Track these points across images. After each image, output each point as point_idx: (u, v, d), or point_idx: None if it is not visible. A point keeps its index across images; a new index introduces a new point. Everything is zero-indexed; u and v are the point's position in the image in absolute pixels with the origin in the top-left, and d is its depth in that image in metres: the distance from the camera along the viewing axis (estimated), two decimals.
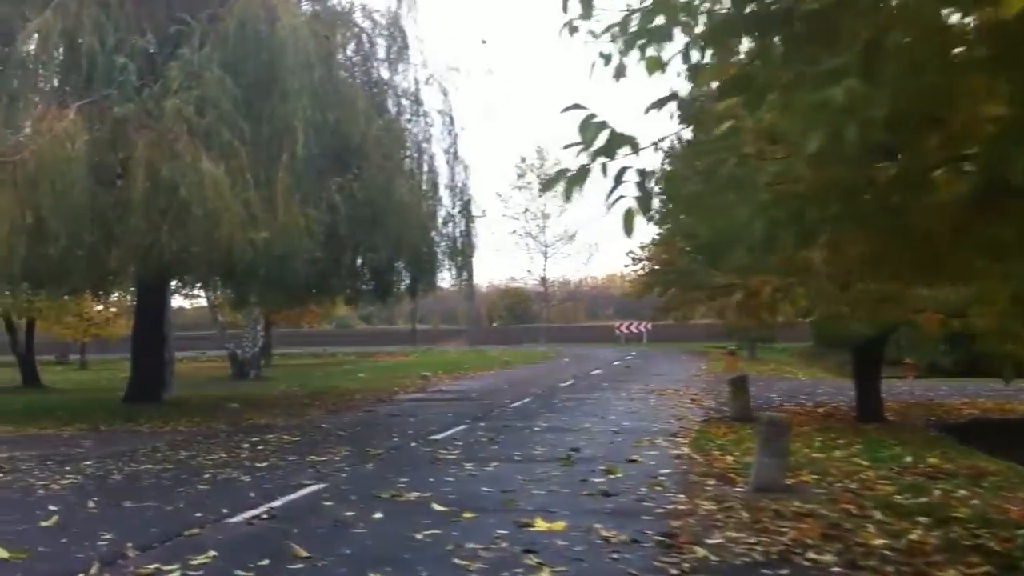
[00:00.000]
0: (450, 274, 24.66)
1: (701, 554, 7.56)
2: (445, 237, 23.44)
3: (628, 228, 6.57)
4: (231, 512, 9.59)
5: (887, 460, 12.66)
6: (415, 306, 61.58)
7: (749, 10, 5.20)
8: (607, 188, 5.63)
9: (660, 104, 7.32)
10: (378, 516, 9.21)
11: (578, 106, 6.31)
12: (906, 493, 10.26)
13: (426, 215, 22.47)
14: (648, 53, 6.44)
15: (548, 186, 5.75)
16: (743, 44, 5.99)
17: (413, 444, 15.22)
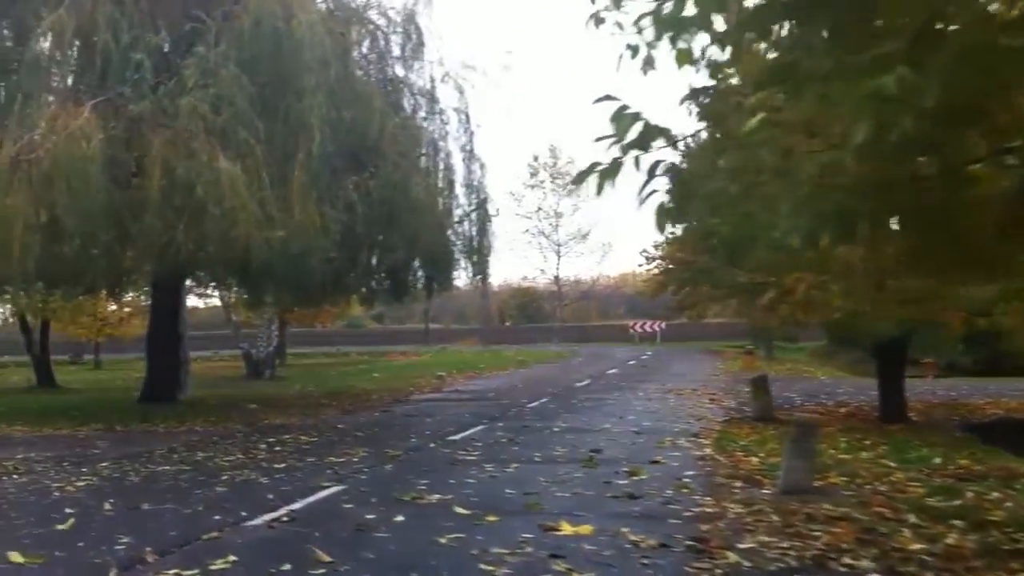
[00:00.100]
0: (466, 273, 24.54)
1: (733, 559, 7.35)
2: (461, 236, 23.29)
3: (661, 224, 6.37)
4: (250, 515, 9.42)
5: (915, 461, 12.42)
6: (428, 306, 61.51)
7: None
8: (635, 183, 5.46)
9: (695, 96, 7.13)
10: (400, 519, 9.04)
11: (610, 97, 6.11)
12: (938, 496, 10.03)
13: (442, 213, 22.33)
14: (679, 45, 6.28)
15: (579, 180, 5.56)
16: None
17: (432, 445, 15.04)
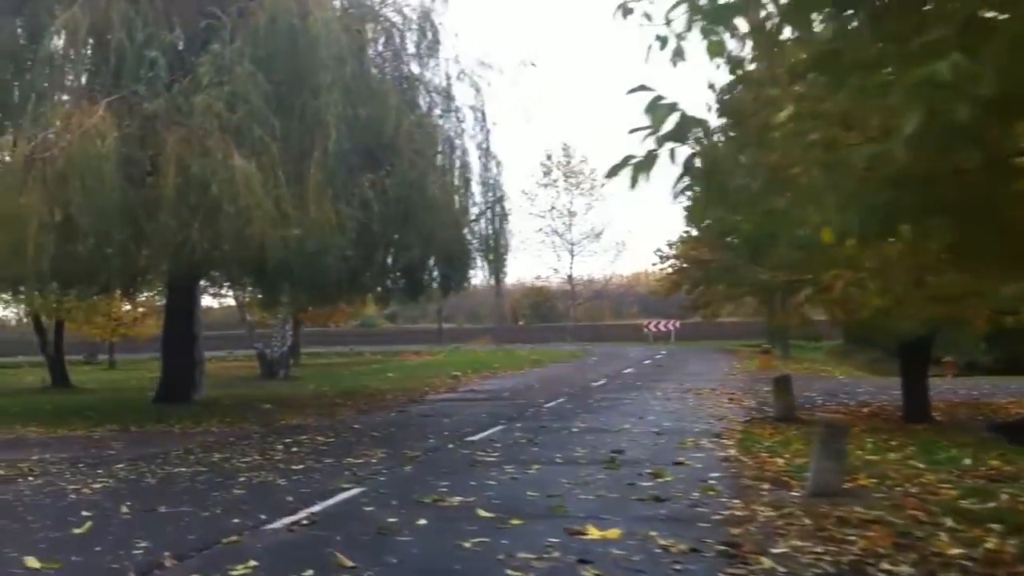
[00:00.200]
0: (482, 272, 24.35)
1: (767, 565, 7.13)
2: (477, 234, 23.10)
3: (698, 218, 6.16)
4: (269, 518, 9.24)
5: (945, 463, 12.16)
6: (441, 305, 61.34)
7: None
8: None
9: (732, 89, 6.91)
10: (422, 522, 8.84)
11: (644, 87, 5.91)
12: (971, 498, 9.78)
13: (458, 212, 22.16)
14: (711, 36, 6.09)
15: (613, 173, 5.37)
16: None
17: (450, 446, 14.86)
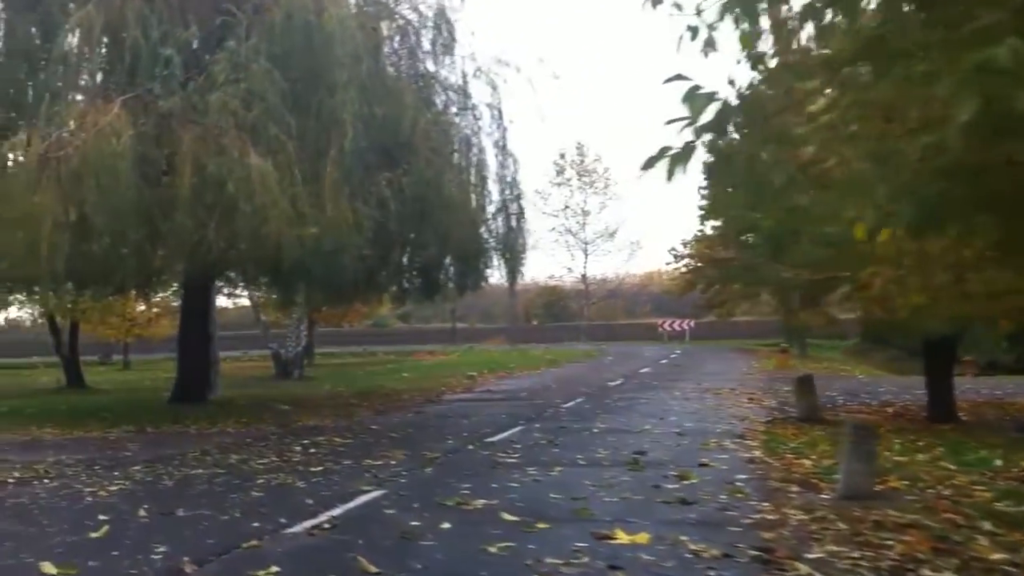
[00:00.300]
0: (498, 271, 24.15)
1: (804, 571, 6.92)
2: (494, 233, 22.91)
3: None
4: (289, 521, 9.05)
5: (975, 464, 11.92)
6: (455, 305, 61.17)
7: None
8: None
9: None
10: (446, 526, 8.64)
11: (681, 77, 5.71)
12: (1006, 500, 9.56)
13: (475, 210, 21.97)
14: (743, 26, 5.89)
15: (649, 165, 5.18)
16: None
17: (470, 447, 14.67)
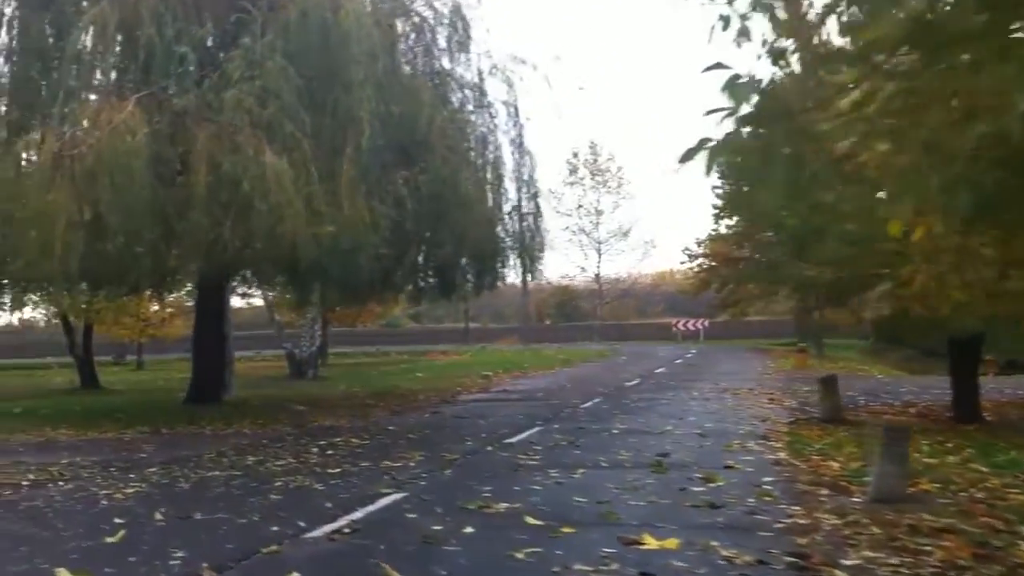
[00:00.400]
0: (514, 270, 23.95)
1: None
2: (510, 232, 22.70)
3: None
4: (309, 525, 8.86)
5: (1007, 466, 11.65)
6: (468, 305, 60.96)
7: None
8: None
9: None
10: (469, 531, 8.43)
11: (721, 65, 5.51)
12: None
13: (491, 209, 21.76)
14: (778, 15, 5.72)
15: (687, 157, 4.99)
16: None
17: (489, 448, 14.47)
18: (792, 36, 5.63)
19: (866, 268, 13.77)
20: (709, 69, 5.47)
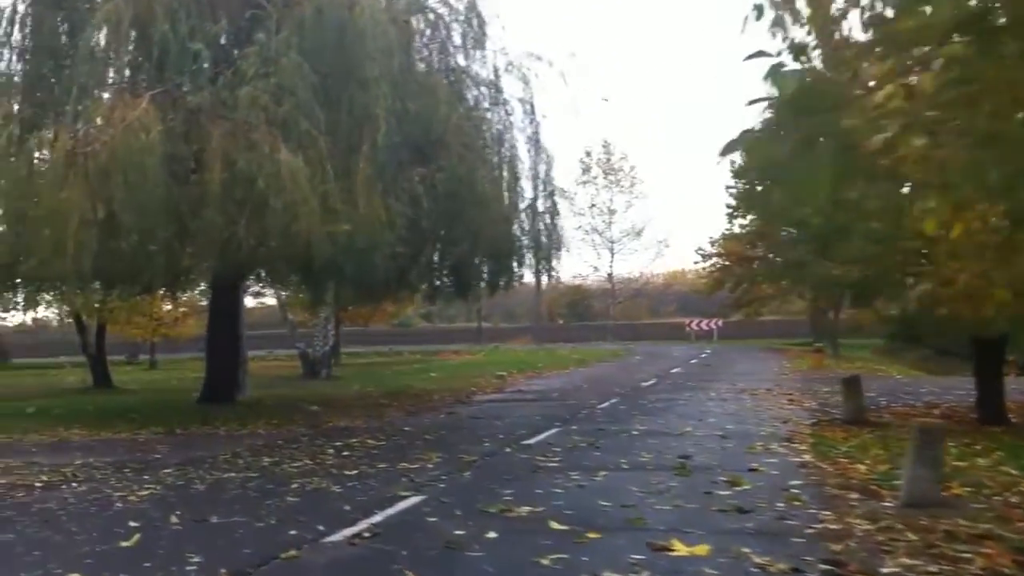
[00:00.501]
0: (529, 269, 23.73)
1: None
2: (526, 231, 22.48)
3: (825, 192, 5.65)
4: (328, 529, 8.65)
5: None
6: (480, 304, 60.72)
7: None
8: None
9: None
10: (491, 535, 8.21)
11: (763, 53, 5.31)
12: None
13: (507, 207, 21.54)
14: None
15: (729, 150, 4.75)
16: None
17: (507, 450, 14.25)
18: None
19: (892, 266, 13.52)
20: (751, 57, 5.25)
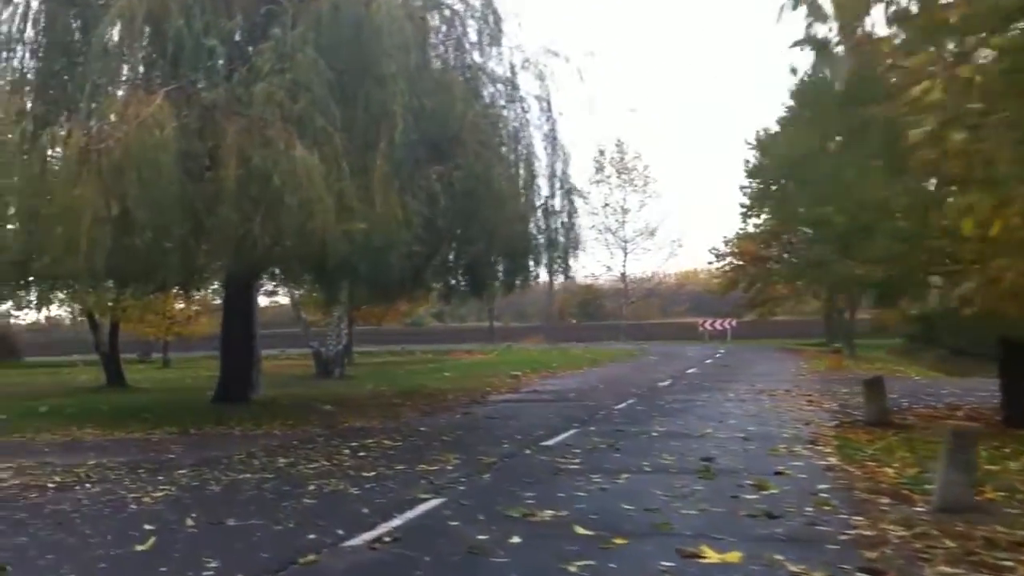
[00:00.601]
0: (545, 268, 23.48)
1: None
2: (542, 230, 22.23)
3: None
4: (347, 533, 8.45)
5: None
6: (492, 304, 60.51)
7: None
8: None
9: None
10: (515, 541, 8.00)
11: (810, 40, 5.11)
12: None
13: (524, 206, 21.29)
14: None
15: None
16: None
17: (526, 451, 14.03)
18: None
19: (917, 266, 13.27)
20: (797, 44, 5.05)
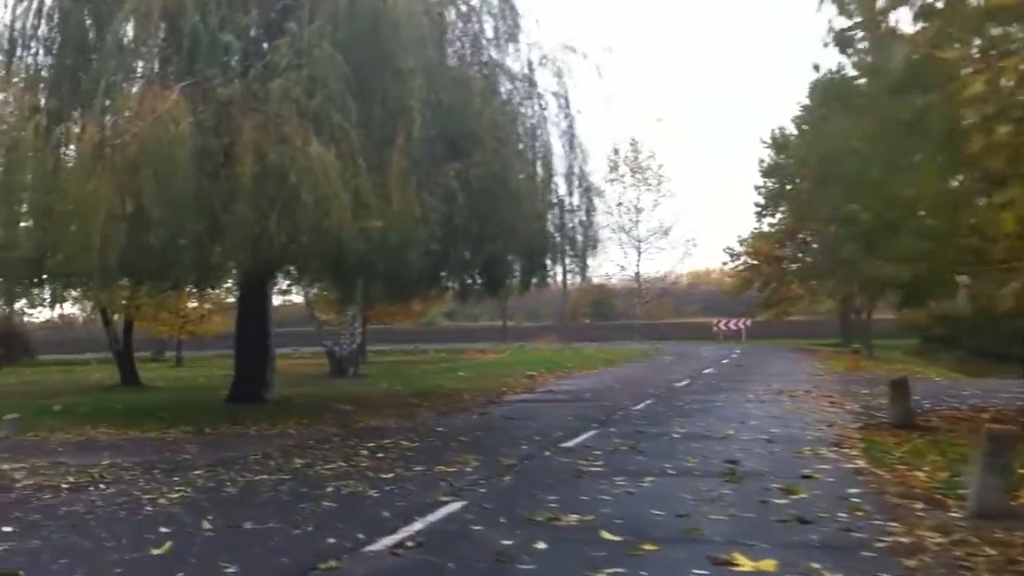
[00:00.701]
0: (562, 267, 23.24)
1: None
2: (560, 228, 21.99)
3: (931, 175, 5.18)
4: (368, 538, 8.22)
5: None
6: (505, 303, 60.27)
7: None
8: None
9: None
10: (541, 546, 7.75)
11: (857, 27, 4.89)
12: None
13: (541, 204, 21.07)
14: None
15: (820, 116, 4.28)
16: None
17: (546, 453, 13.79)
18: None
19: (945, 264, 13.01)
20: (844, 31, 4.82)
